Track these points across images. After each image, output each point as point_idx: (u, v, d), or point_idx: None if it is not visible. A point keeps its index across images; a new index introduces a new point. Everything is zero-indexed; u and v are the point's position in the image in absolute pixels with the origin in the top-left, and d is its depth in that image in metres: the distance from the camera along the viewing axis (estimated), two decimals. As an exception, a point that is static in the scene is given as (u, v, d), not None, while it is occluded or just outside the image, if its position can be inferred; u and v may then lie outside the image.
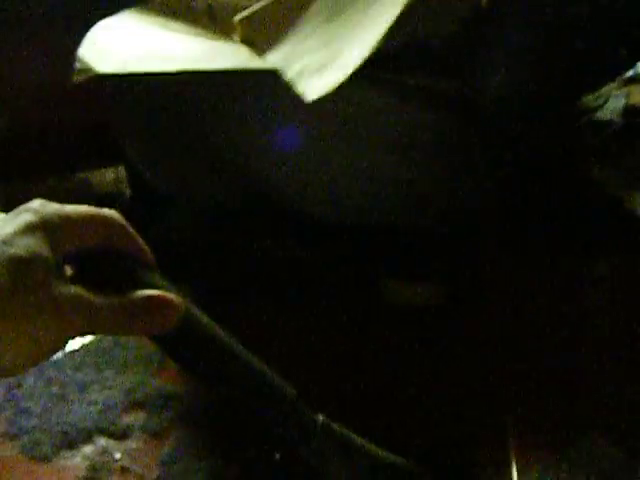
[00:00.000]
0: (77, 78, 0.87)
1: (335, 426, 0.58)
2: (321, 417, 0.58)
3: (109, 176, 1.13)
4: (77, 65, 0.87)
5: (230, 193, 0.91)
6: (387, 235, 0.88)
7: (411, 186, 0.86)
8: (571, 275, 0.84)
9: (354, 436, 0.59)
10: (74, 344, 0.77)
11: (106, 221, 0.47)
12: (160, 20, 0.93)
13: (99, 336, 0.78)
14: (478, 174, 0.87)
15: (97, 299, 0.43)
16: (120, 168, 1.11)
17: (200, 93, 0.85)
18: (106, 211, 0.47)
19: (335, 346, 0.80)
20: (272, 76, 0.80)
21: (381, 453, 0.60)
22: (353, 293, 0.88)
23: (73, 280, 0.44)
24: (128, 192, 1.08)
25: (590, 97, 0.78)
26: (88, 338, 0.78)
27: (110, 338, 0.78)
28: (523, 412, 0.71)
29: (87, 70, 0.85)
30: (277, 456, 0.59)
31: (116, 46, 0.90)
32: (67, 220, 0.44)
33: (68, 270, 0.45)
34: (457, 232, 0.89)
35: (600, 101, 0.78)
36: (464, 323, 0.82)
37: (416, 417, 0.72)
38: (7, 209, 0.98)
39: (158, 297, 0.46)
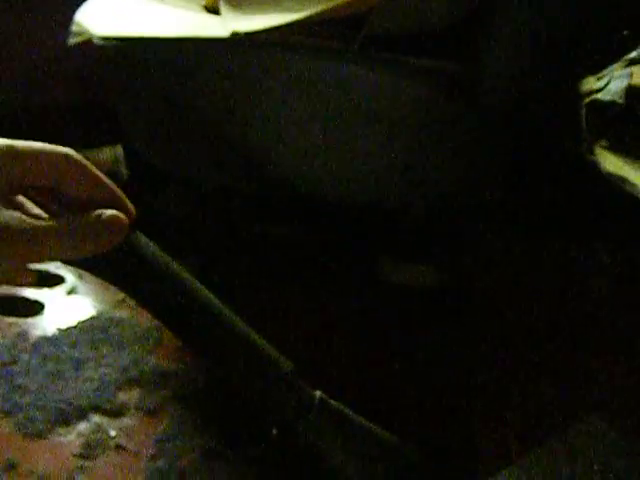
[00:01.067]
0: (73, 40, 0.87)
1: (332, 402, 0.58)
2: (318, 393, 0.58)
3: (106, 155, 1.12)
4: (73, 28, 0.87)
5: (230, 172, 0.90)
6: (385, 215, 0.88)
7: (407, 166, 0.86)
8: (569, 258, 0.84)
9: (351, 413, 0.59)
10: (70, 321, 0.77)
11: (60, 159, 0.46)
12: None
13: (96, 313, 0.78)
14: (475, 156, 0.86)
15: (40, 223, 0.42)
16: (117, 147, 1.11)
17: (199, 65, 0.84)
18: (61, 148, 0.46)
19: (331, 325, 0.80)
20: (270, 54, 0.81)
21: (377, 430, 0.60)
22: (350, 272, 0.88)
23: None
24: (125, 171, 1.08)
25: (592, 78, 0.77)
26: (84, 315, 0.78)
27: (107, 316, 0.78)
28: (522, 395, 0.71)
29: (83, 33, 0.85)
30: (274, 432, 0.59)
31: (113, 13, 0.90)
32: (15, 153, 0.44)
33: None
34: (454, 215, 0.88)
35: (602, 82, 0.77)
36: (461, 305, 0.82)
37: (412, 397, 0.72)
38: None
39: (106, 216, 0.46)
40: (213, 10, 0.89)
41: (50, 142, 1.13)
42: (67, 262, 0.63)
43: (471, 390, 0.72)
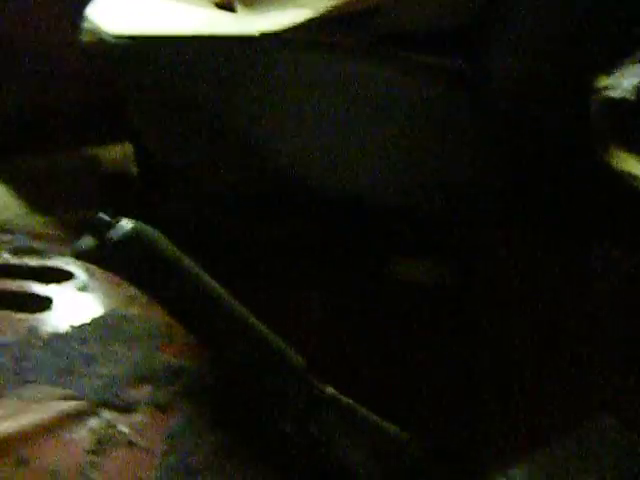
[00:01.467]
0: (84, 38, 0.87)
1: (343, 398, 0.58)
2: (330, 389, 0.58)
3: (115, 152, 1.13)
4: (85, 25, 0.87)
5: (238, 167, 0.91)
6: (395, 211, 0.88)
7: (413, 164, 0.87)
8: (578, 258, 0.84)
9: (363, 410, 0.59)
10: (81, 317, 0.77)
11: None
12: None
13: (107, 310, 0.78)
14: (481, 154, 0.87)
15: None
16: (126, 144, 1.11)
17: (211, 63, 0.84)
18: None
19: (340, 323, 0.80)
20: (283, 52, 0.81)
21: (390, 428, 0.60)
22: (360, 269, 0.88)
23: None
24: (135, 169, 1.08)
25: (604, 76, 0.77)
26: (95, 311, 0.78)
27: (118, 312, 0.77)
28: (532, 394, 0.71)
29: (95, 30, 0.85)
30: (287, 428, 0.59)
31: (125, 10, 0.90)
32: None
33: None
34: (458, 212, 0.89)
35: (614, 80, 0.77)
36: (471, 303, 0.82)
37: (420, 394, 0.72)
38: (13, 184, 0.98)
39: None
40: (225, 6, 0.89)
41: (59, 139, 1.13)
42: (78, 258, 0.63)
43: (479, 390, 0.73)
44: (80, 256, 0.60)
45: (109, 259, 0.58)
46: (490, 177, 0.87)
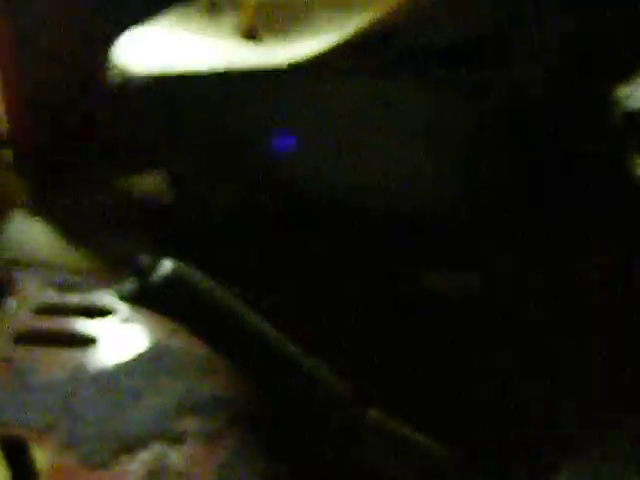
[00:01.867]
0: (111, 80, 0.89)
1: (389, 421, 0.59)
2: (373, 412, 0.59)
3: (149, 180, 1.14)
4: (112, 67, 0.89)
5: (257, 185, 0.91)
6: (420, 223, 0.89)
7: (436, 177, 0.87)
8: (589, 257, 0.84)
9: (408, 431, 0.60)
10: (126, 351, 0.78)
11: None
12: (195, 24, 0.95)
13: (150, 343, 0.79)
14: (504, 165, 0.87)
15: None
16: (160, 172, 1.12)
17: (236, 93, 0.85)
18: None
19: (367, 336, 0.80)
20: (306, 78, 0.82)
21: (436, 448, 0.61)
22: (385, 282, 0.89)
23: None
24: (169, 196, 1.09)
25: (625, 85, 0.78)
26: (139, 345, 0.79)
27: (162, 345, 0.79)
28: (566, 396, 0.72)
29: (122, 71, 0.87)
30: (329, 454, 0.60)
31: (151, 48, 0.91)
32: None
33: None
34: (479, 224, 0.89)
35: (632, 89, 0.78)
36: (496, 312, 0.83)
37: (450, 406, 0.72)
38: (51, 220, 1.00)
39: None
40: (250, 36, 0.90)
41: (92, 166, 1.15)
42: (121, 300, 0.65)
43: (511, 393, 0.73)
44: (123, 299, 0.62)
45: (152, 302, 0.60)
46: (510, 187, 0.87)
